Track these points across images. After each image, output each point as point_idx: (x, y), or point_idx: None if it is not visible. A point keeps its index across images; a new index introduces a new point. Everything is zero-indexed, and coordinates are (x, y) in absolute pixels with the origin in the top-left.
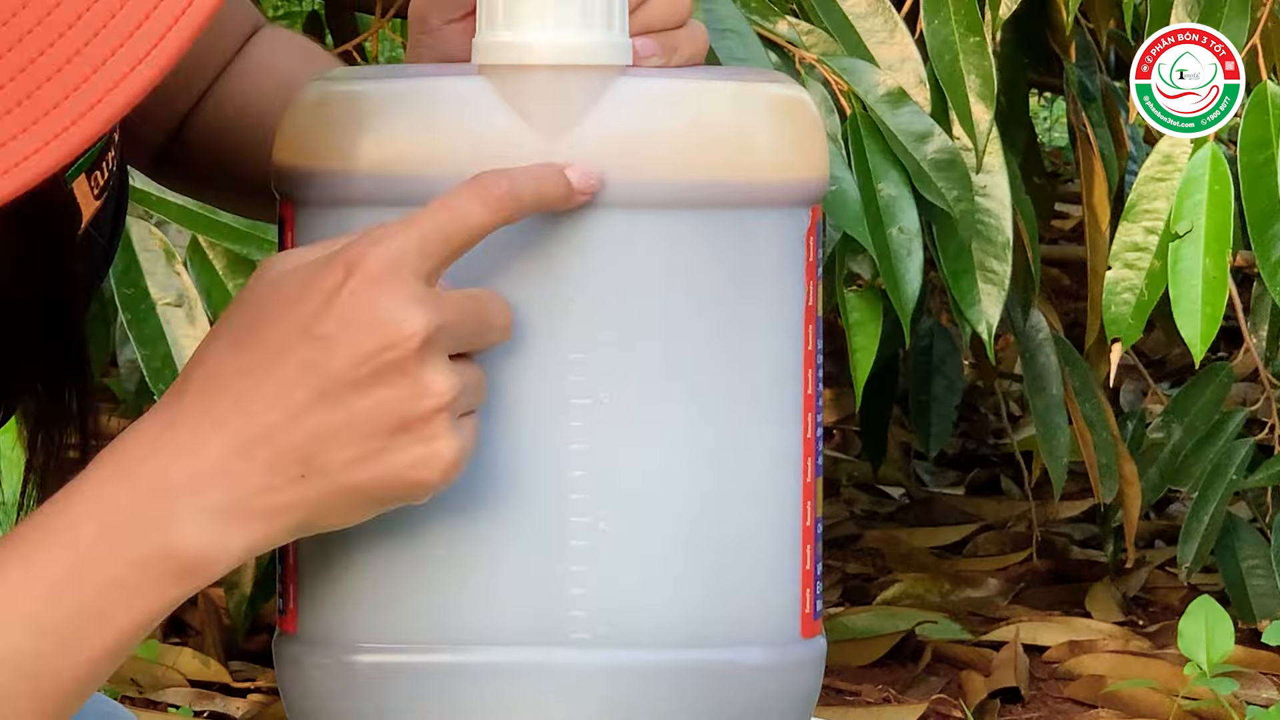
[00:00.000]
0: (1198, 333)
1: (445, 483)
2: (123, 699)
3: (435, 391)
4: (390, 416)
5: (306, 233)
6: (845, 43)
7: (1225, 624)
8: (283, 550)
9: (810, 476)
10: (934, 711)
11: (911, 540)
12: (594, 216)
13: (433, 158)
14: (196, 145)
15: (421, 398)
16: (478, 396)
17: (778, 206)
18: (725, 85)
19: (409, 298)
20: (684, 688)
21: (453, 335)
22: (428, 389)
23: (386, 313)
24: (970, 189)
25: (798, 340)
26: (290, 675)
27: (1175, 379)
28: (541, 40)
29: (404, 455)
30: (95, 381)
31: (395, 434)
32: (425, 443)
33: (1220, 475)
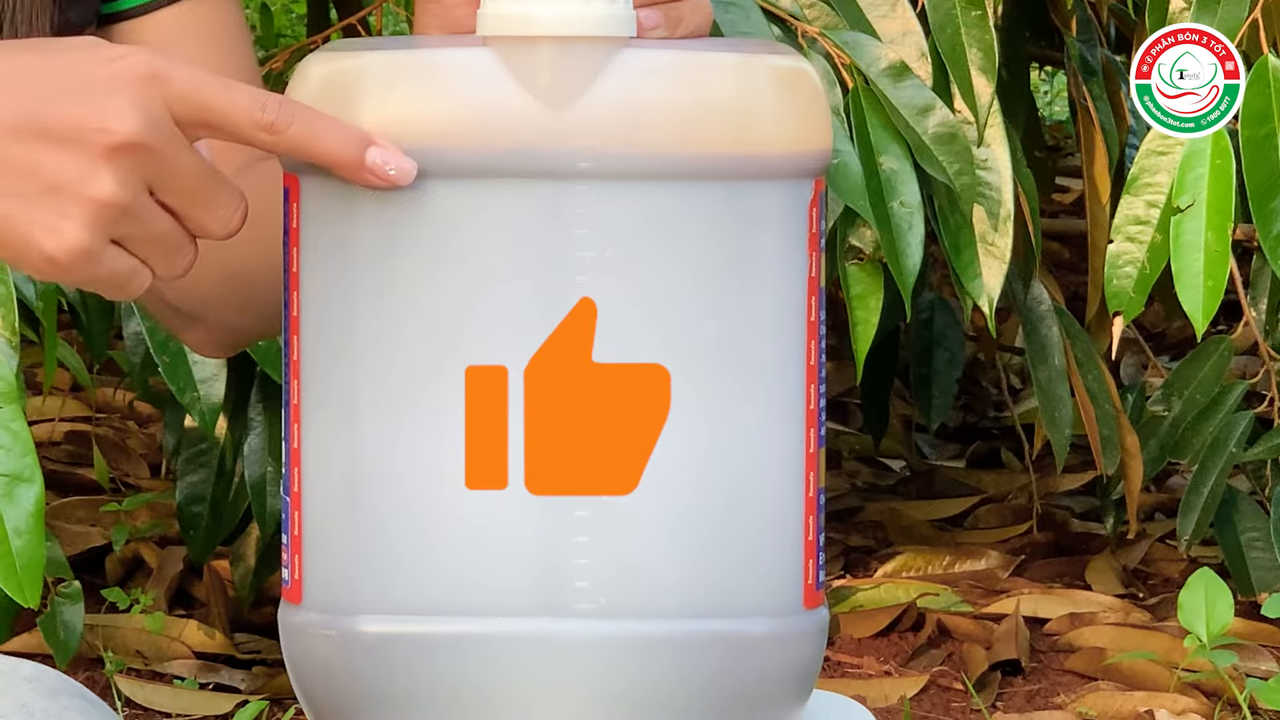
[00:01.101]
0: (1199, 306)
1: (59, 266)
2: (128, 671)
3: (99, 183)
4: (50, 176)
5: (311, 205)
6: (847, 17)
7: (1225, 596)
8: (288, 522)
9: (813, 447)
10: (935, 683)
11: (913, 513)
12: (600, 188)
13: (437, 128)
14: None
15: (84, 181)
16: (149, 244)
17: (781, 178)
18: (728, 57)
19: (144, 108)
20: (687, 658)
21: (160, 171)
22: (94, 178)
23: (117, 103)
24: (971, 162)
25: (801, 311)
26: (296, 646)
27: (1175, 352)
28: (546, 12)
29: (40, 214)
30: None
31: (45, 193)
32: (61, 216)
33: (1220, 448)
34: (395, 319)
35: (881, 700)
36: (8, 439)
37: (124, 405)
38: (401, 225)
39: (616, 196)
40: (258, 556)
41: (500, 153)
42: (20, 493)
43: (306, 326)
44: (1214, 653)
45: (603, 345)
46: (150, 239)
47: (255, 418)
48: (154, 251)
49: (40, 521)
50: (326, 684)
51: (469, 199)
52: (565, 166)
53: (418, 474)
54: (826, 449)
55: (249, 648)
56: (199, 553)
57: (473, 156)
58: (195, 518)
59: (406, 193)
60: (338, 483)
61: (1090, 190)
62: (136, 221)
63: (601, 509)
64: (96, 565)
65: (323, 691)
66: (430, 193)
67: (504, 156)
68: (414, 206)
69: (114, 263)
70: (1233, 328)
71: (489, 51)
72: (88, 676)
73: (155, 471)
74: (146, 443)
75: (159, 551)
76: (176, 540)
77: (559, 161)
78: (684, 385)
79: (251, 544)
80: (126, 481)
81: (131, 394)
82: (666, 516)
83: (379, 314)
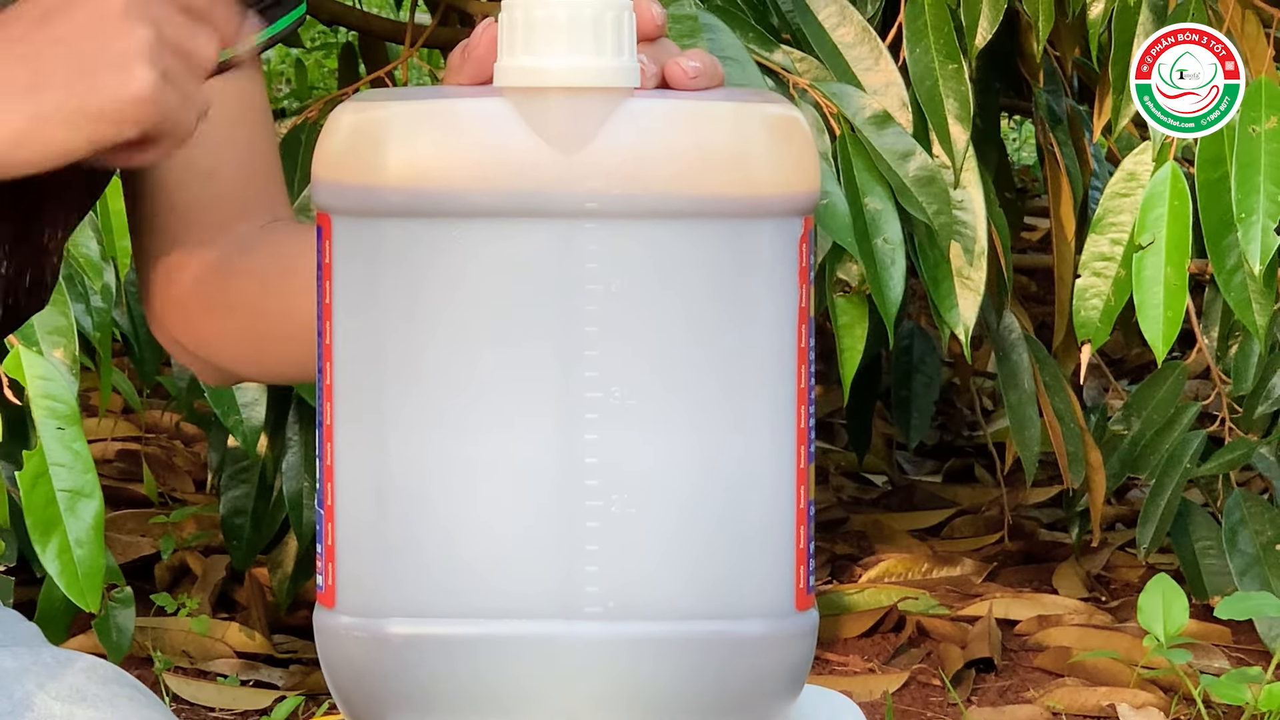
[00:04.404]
0: (1160, 335)
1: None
2: (175, 669)
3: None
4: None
5: (343, 241)
6: (835, 69)
7: (1180, 600)
8: (322, 533)
9: (803, 463)
10: (915, 680)
11: (894, 524)
12: (607, 226)
13: (457, 172)
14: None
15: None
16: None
17: (774, 217)
18: (726, 106)
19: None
20: (689, 656)
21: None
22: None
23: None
24: (948, 203)
25: (792, 339)
26: (329, 646)
27: (1134, 376)
28: (557, 65)
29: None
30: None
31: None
32: (122, 67)
33: (1175, 464)
34: (420, 346)
35: (866, 695)
36: (70, 458)
37: (171, 426)
38: (425, 259)
39: (622, 234)
40: (294, 564)
41: (515, 194)
42: (81, 507)
43: (339, 354)
44: (1170, 651)
45: (608, 370)
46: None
47: (292, 438)
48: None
49: (100, 534)
50: (358, 681)
51: (487, 236)
52: (575, 206)
53: (441, 489)
54: (815, 465)
55: (286, 648)
56: (240, 561)
57: (490, 197)
58: (237, 529)
59: (430, 230)
60: (367, 497)
61: (1056, 229)
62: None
63: (610, 520)
64: (146, 572)
65: (354, 688)
66: (451, 230)
67: (519, 197)
68: (437, 242)
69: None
70: (1187, 354)
71: (505, 101)
72: (138, 674)
73: (200, 487)
74: (192, 460)
75: (203, 560)
76: (220, 549)
77: (569, 202)
78: (685, 406)
79: (289, 553)
80: (174, 496)
81: (178, 416)
82: (669, 527)
83: (405, 341)
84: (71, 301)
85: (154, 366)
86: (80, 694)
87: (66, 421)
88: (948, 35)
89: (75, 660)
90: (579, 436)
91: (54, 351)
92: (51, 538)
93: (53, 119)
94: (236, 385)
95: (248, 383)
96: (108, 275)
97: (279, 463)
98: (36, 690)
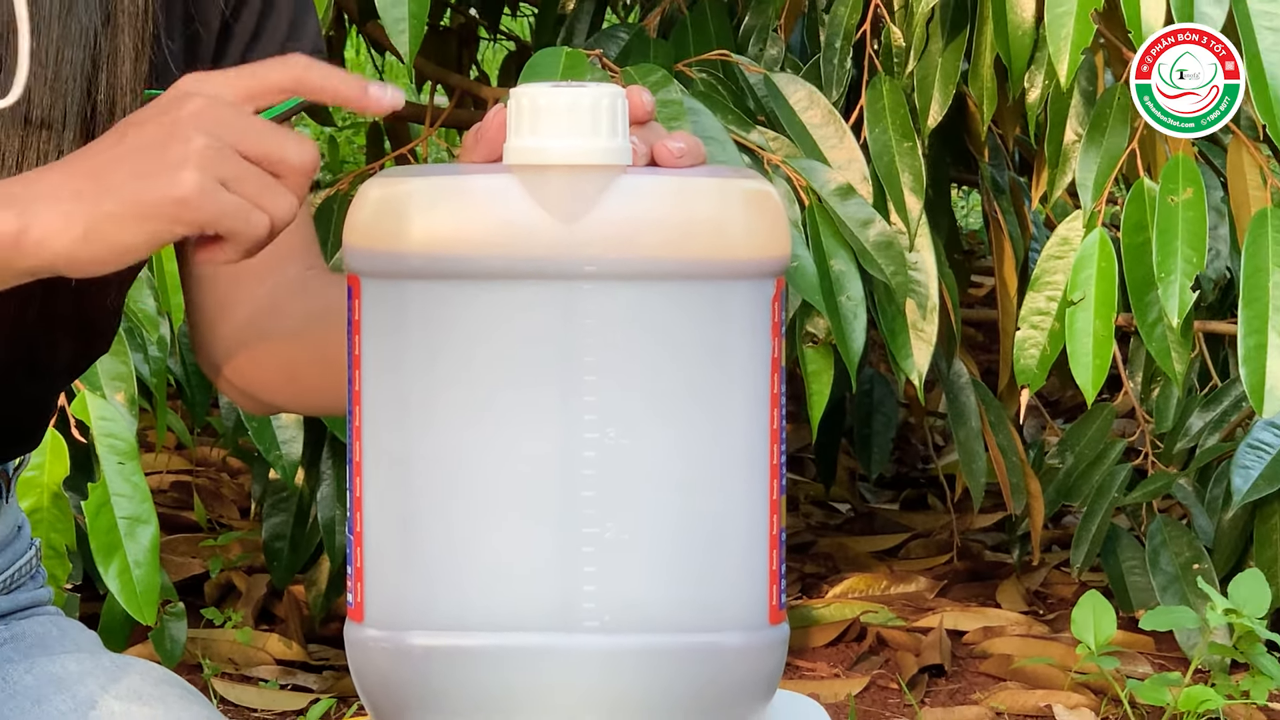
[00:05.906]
0: (1089, 380)
1: (189, 205)
2: (222, 675)
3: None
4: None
5: (370, 300)
6: (804, 147)
7: (1109, 613)
8: (352, 556)
9: (776, 494)
10: (875, 684)
11: (856, 546)
12: (604, 287)
13: (470, 239)
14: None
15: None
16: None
17: (750, 278)
18: (708, 181)
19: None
20: (676, 664)
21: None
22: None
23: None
24: (904, 265)
25: (766, 384)
26: (358, 655)
27: (1068, 416)
28: (559, 145)
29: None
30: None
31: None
32: (174, 169)
33: (1105, 493)
34: (438, 391)
35: (831, 697)
36: (129, 489)
37: (219, 460)
38: (443, 316)
39: (617, 293)
40: (328, 583)
41: (521, 259)
42: (139, 532)
43: (366, 399)
44: (1100, 659)
45: (604, 412)
46: (250, 177)
47: (326, 471)
48: (259, 190)
49: (155, 555)
50: (383, 687)
51: (497, 296)
52: (574, 270)
53: (455, 518)
54: (786, 495)
55: (320, 655)
56: (280, 580)
57: (499, 262)
58: (277, 551)
59: (447, 290)
60: (392, 525)
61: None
62: (233, 163)
63: (606, 545)
64: (197, 589)
65: (380, 693)
66: (465, 291)
67: (525, 262)
68: (453, 301)
69: (227, 199)
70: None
71: (513, 177)
72: (189, 680)
73: (244, 514)
74: (237, 491)
75: (247, 578)
76: (261, 569)
77: (569, 266)
78: (672, 443)
79: (323, 573)
80: (221, 522)
81: (225, 451)
82: (658, 550)
83: (425, 389)
84: (131, 351)
85: (204, 408)
86: (137, 693)
87: (126, 457)
88: (903, 117)
89: (132, 664)
90: (579, 471)
91: (115, 395)
92: (113, 559)
93: (110, 220)
94: (276, 423)
95: (284, 413)
96: (163, 328)
97: (314, 493)
98: (98, 691)
